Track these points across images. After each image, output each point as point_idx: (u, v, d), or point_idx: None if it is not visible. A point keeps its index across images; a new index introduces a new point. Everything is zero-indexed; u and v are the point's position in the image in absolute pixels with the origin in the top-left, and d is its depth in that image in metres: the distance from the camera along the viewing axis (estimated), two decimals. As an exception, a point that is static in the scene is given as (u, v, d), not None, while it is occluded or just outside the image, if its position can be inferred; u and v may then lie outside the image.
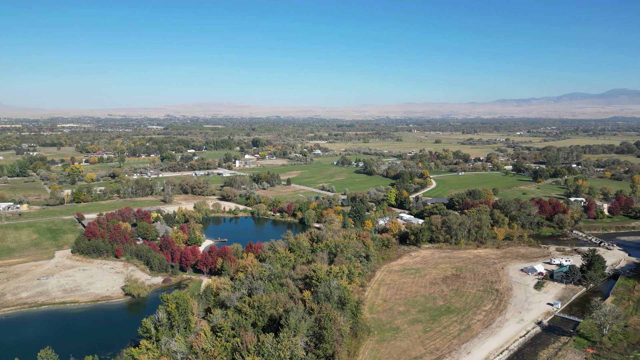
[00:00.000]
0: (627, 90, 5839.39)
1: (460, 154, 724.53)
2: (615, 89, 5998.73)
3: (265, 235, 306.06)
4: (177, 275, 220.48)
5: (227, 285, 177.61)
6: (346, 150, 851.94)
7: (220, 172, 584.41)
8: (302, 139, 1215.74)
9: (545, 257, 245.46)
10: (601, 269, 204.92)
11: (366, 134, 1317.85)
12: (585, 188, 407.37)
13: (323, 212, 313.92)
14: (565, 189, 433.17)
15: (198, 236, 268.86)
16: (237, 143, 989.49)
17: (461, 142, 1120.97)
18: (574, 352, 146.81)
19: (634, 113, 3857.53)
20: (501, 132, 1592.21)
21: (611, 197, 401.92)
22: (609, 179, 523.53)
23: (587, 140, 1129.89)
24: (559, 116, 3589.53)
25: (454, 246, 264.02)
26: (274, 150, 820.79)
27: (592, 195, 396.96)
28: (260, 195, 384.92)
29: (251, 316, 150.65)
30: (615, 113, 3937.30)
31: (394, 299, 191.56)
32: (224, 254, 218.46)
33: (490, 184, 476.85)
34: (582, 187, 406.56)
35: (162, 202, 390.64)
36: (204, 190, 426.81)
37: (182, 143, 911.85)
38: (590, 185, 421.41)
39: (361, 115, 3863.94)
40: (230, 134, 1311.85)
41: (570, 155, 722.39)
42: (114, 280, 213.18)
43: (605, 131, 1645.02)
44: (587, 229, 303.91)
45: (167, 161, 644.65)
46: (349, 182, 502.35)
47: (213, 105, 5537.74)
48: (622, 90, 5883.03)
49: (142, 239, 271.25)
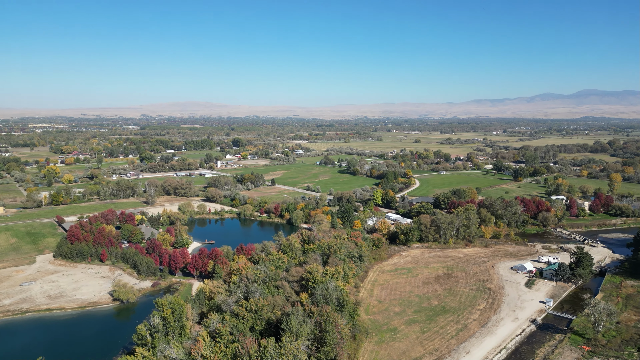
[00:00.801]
0: (596, 90, 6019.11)
1: (441, 153, 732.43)
2: (585, 90, 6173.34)
3: (253, 237, 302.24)
4: (166, 279, 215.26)
5: (221, 289, 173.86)
6: (328, 150, 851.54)
7: (202, 172, 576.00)
8: (282, 138, 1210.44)
9: (532, 255, 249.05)
10: (589, 267, 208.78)
11: (346, 134, 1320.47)
12: (565, 186, 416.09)
13: (311, 212, 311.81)
14: (546, 188, 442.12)
15: (185, 238, 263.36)
16: (217, 143, 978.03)
17: (440, 141, 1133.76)
18: (570, 350, 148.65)
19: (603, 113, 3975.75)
20: (478, 132, 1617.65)
21: (590, 195, 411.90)
22: (586, 177, 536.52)
23: (561, 140, 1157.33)
24: (532, 116, 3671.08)
25: (443, 245, 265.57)
26: (255, 150, 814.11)
27: (572, 194, 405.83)
28: (245, 196, 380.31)
29: (249, 320, 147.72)
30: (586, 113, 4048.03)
31: (389, 300, 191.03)
32: (215, 256, 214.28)
33: (473, 183, 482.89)
34: (563, 185, 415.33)
35: (144, 204, 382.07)
36: (187, 192, 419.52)
37: (161, 143, 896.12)
38: (570, 184, 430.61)
39: (340, 115, 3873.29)
40: (209, 133, 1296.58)
41: (547, 155, 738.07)
42: (100, 285, 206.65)
43: (578, 131, 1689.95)
44: (570, 227, 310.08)
45: (146, 162, 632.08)
46: (333, 182, 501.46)
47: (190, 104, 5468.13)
48: (592, 90, 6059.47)
49: (127, 242, 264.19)
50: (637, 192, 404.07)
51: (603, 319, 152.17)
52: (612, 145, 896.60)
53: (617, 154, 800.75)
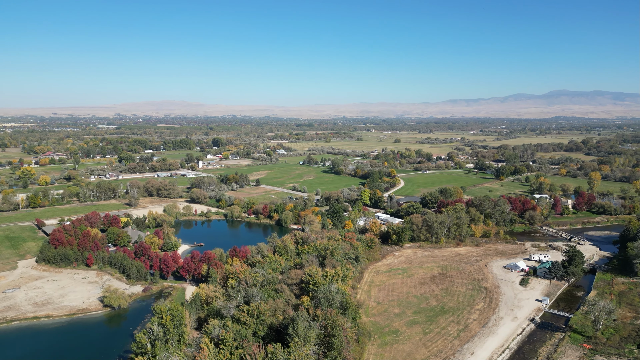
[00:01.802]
0: (567, 91, 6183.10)
1: (423, 152, 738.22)
2: (556, 90, 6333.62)
3: (242, 239, 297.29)
4: (158, 283, 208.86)
5: (218, 293, 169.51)
6: (310, 150, 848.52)
7: (183, 173, 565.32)
8: (262, 138, 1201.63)
9: (523, 254, 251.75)
10: (581, 264, 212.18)
11: (327, 134, 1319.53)
12: (547, 185, 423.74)
13: (301, 213, 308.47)
14: (528, 186, 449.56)
15: (174, 241, 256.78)
16: (196, 143, 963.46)
17: (420, 141, 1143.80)
18: (571, 348, 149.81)
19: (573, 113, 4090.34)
20: (455, 131, 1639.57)
21: (570, 194, 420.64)
22: (565, 175, 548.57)
23: (536, 139, 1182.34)
24: (506, 116, 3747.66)
25: (434, 245, 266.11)
26: (236, 150, 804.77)
27: (554, 192, 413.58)
28: (232, 197, 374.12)
29: (251, 325, 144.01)
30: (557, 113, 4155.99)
31: (387, 301, 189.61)
32: (208, 259, 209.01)
33: (456, 182, 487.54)
34: (545, 184, 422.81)
35: (127, 206, 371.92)
36: (170, 193, 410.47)
37: (139, 143, 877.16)
38: (551, 182, 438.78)
39: (318, 115, 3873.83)
40: (188, 133, 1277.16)
41: (526, 153, 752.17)
42: (88, 291, 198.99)
43: (551, 130, 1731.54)
44: (556, 225, 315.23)
45: (125, 162, 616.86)
46: (318, 182, 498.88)
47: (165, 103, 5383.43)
48: (563, 91, 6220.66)
49: (113, 246, 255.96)
50: (615, 190, 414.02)
51: (603, 317, 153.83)
52: (586, 144, 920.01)
53: (591, 153, 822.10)
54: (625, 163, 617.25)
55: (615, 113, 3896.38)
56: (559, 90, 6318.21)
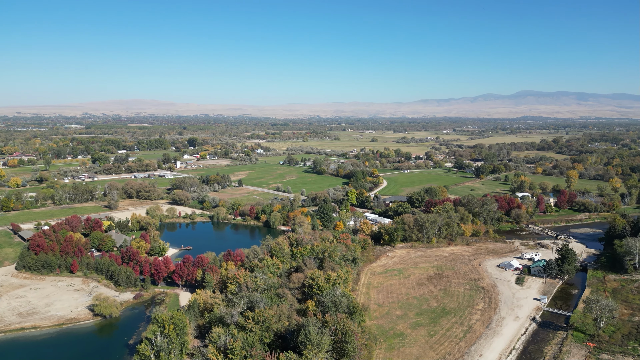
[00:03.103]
0: (533, 91, 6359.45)
1: (402, 152, 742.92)
2: (523, 91, 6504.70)
3: (230, 241, 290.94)
4: (149, 289, 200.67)
5: (217, 299, 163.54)
6: (288, 150, 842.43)
7: (161, 174, 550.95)
8: (239, 137, 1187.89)
9: (514, 252, 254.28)
10: (574, 262, 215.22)
11: (304, 133, 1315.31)
12: (527, 184, 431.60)
13: (289, 214, 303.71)
14: (509, 185, 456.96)
15: (162, 245, 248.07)
16: (171, 143, 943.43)
17: (396, 140, 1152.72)
18: (576, 347, 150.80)
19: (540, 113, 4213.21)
20: (429, 131, 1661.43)
21: (549, 192, 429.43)
22: (541, 174, 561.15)
23: (508, 138, 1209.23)
24: (477, 115, 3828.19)
25: (426, 244, 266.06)
26: (214, 150, 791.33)
27: (533, 190, 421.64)
28: (216, 198, 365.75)
29: (257, 333, 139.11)
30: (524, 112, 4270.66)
31: (388, 303, 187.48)
32: (201, 264, 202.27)
33: (437, 181, 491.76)
34: (525, 182, 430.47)
35: (106, 209, 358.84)
36: (150, 194, 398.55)
37: (112, 143, 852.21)
38: (531, 181, 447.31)
39: (292, 114, 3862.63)
40: (161, 133, 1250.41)
41: (502, 152, 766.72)
42: (75, 300, 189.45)
43: (521, 129, 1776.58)
44: (541, 223, 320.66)
45: (99, 163, 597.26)
46: (301, 182, 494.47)
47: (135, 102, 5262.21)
48: (529, 91, 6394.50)
49: (97, 251, 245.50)
50: (592, 188, 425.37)
51: (605, 316, 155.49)
52: (557, 143, 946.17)
53: (562, 152, 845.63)
54: (597, 161, 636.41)
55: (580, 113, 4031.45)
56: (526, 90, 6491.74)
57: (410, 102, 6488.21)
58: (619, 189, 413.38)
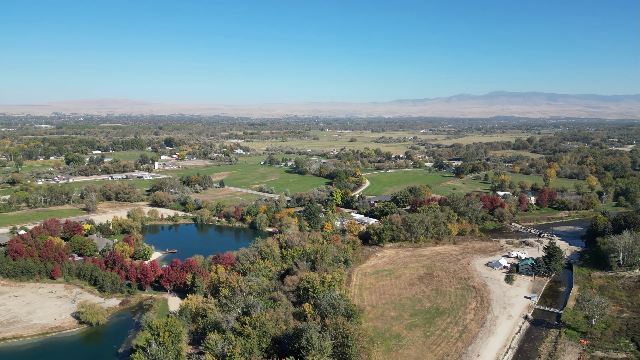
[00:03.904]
0: (505, 92, 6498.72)
1: (382, 152, 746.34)
2: (495, 91, 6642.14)
3: (215, 243, 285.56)
4: (136, 295, 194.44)
5: (210, 304, 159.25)
6: (268, 150, 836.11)
7: (140, 175, 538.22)
8: (216, 137, 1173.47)
9: (500, 251, 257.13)
10: (561, 260, 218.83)
11: (282, 133, 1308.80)
12: (507, 182, 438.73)
13: (275, 215, 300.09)
14: (490, 184, 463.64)
15: (146, 248, 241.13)
16: (148, 143, 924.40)
17: (375, 140, 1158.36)
18: (570, 345, 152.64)
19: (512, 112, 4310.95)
20: (406, 130, 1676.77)
21: (527, 190, 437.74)
22: (518, 173, 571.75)
23: (484, 138, 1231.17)
24: (451, 115, 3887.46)
25: (414, 244, 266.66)
26: (192, 150, 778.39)
27: (513, 189, 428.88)
28: (199, 199, 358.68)
29: (254, 338, 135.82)
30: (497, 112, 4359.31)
31: (381, 304, 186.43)
32: (190, 267, 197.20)
33: (419, 180, 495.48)
34: (506, 181, 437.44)
35: (84, 211, 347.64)
36: (130, 196, 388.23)
37: (86, 144, 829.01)
38: (511, 180, 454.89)
39: (269, 114, 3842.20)
40: (136, 133, 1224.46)
41: (479, 152, 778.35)
42: (59, 307, 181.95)
43: (495, 129, 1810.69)
44: (524, 221, 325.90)
45: (74, 164, 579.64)
46: (283, 182, 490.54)
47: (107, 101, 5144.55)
48: (502, 92, 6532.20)
49: (78, 256, 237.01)
50: (569, 187, 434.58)
51: (597, 313, 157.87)
52: (531, 143, 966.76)
53: (537, 151, 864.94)
54: (571, 160, 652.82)
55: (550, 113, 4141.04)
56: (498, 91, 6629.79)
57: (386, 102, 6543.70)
58: (595, 187, 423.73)
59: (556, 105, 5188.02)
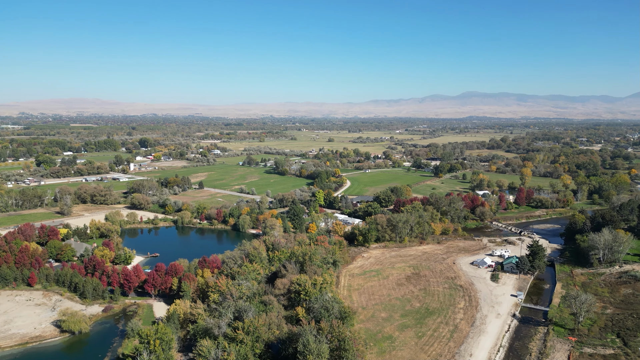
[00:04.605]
0: (477, 92, 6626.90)
1: (361, 152, 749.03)
2: (468, 92, 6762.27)
3: (197, 246, 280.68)
4: (119, 301, 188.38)
5: (200, 309, 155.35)
6: (246, 150, 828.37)
7: (115, 176, 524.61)
8: (192, 138, 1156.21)
9: (484, 249, 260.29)
10: (544, 258, 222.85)
11: (259, 133, 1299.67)
12: (486, 182, 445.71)
13: (259, 217, 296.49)
14: (469, 183, 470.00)
15: (127, 253, 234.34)
16: (122, 144, 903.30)
17: (352, 140, 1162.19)
18: (559, 342, 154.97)
19: (484, 113, 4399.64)
20: (382, 131, 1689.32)
21: (505, 189, 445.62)
22: (495, 172, 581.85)
23: (458, 137, 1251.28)
24: (425, 115, 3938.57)
25: (399, 244, 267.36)
26: (168, 151, 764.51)
27: (491, 188, 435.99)
28: (179, 201, 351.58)
29: (247, 344, 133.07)
30: (470, 113, 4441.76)
31: (371, 305, 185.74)
32: (176, 272, 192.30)
33: (398, 180, 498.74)
34: (484, 181, 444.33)
35: (59, 215, 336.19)
36: (106, 199, 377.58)
37: (57, 145, 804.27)
38: (488, 179, 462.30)
39: (245, 114, 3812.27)
40: (109, 133, 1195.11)
41: (455, 151, 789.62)
42: (38, 315, 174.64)
43: (468, 129, 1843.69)
44: (504, 220, 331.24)
45: (45, 166, 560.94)
46: (264, 183, 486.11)
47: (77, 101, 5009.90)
48: (474, 92, 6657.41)
49: (55, 261, 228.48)
50: (544, 185, 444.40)
51: (585, 310, 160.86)
52: (505, 142, 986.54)
53: (511, 150, 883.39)
54: (544, 159, 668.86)
55: (520, 113, 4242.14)
56: (470, 91, 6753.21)
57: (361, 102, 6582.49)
58: (569, 185, 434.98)
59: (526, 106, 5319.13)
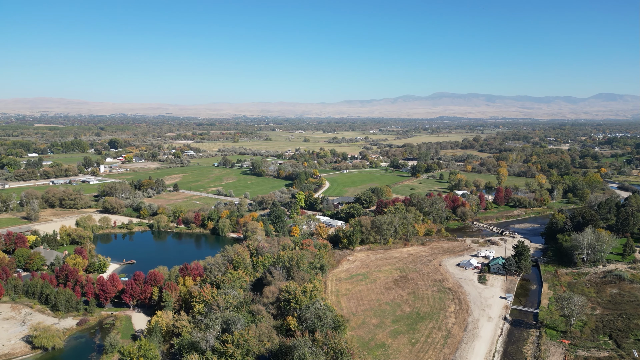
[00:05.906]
0: (447, 93, 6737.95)
1: (338, 152, 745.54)
2: (438, 92, 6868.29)
3: (175, 252, 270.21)
4: (94, 313, 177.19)
5: (184, 321, 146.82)
6: (221, 151, 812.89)
7: (84, 179, 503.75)
8: (164, 138, 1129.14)
9: (468, 250, 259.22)
10: (529, 258, 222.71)
11: (233, 133, 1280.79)
12: (463, 181, 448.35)
13: (239, 220, 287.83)
14: (447, 183, 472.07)
15: (102, 260, 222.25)
16: (90, 145, 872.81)
17: (327, 140, 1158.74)
18: (553, 345, 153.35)
19: (454, 113, 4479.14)
20: (356, 131, 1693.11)
21: (482, 189, 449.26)
22: (470, 171, 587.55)
23: (431, 137, 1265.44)
24: (398, 116, 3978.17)
25: (383, 246, 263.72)
26: (139, 152, 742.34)
27: (469, 188, 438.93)
28: (154, 205, 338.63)
29: (237, 357, 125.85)
30: (440, 113, 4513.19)
31: (361, 311, 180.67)
32: (155, 281, 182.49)
33: (377, 180, 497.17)
34: (462, 180, 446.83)
35: (25, 220, 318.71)
36: (76, 203, 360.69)
37: (21, 146, 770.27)
38: (466, 179, 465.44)
39: (217, 114, 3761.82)
40: (76, 134, 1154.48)
41: (430, 151, 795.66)
42: (7, 331, 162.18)
43: (440, 129, 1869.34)
44: (484, 220, 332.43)
45: (9, 168, 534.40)
46: (241, 184, 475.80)
47: (41, 101, 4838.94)
48: (444, 93, 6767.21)
49: (24, 271, 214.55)
50: (520, 184, 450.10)
51: (576, 312, 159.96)
52: (477, 142, 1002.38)
53: (484, 150, 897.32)
54: (517, 159, 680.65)
55: (489, 113, 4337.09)
56: (440, 92, 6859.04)
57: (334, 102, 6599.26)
58: (544, 184, 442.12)
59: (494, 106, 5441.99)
